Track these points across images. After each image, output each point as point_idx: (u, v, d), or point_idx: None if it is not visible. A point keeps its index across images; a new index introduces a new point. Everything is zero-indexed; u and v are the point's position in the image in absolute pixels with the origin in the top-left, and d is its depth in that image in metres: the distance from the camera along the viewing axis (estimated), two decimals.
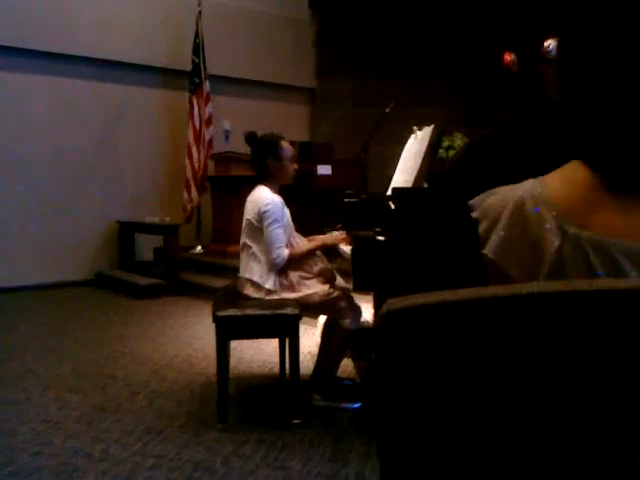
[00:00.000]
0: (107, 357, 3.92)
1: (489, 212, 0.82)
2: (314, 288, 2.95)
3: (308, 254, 3.01)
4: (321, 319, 3.49)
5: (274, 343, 3.57)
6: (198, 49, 6.78)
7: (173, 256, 6.30)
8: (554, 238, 0.74)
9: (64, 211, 6.52)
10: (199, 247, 6.90)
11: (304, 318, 2.87)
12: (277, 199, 2.96)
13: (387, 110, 3.85)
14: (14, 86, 6.17)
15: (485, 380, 0.63)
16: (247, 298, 2.93)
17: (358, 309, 3.01)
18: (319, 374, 3.07)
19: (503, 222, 0.79)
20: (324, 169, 6.15)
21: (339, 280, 3.10)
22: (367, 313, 3.26)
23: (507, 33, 6.37)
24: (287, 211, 3.03)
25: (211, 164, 6.88)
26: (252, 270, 2.95)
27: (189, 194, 6.80)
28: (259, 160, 3.06)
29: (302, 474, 2.34)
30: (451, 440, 0.66)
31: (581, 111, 0.77)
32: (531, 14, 6.01)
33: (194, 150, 6.77)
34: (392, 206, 2.45)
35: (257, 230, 2.95)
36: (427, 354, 0.64)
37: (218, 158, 6.76)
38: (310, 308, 3.00)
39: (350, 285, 2.81)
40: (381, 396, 0.67)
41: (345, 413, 2.93)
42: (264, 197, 2.95)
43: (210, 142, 6.86)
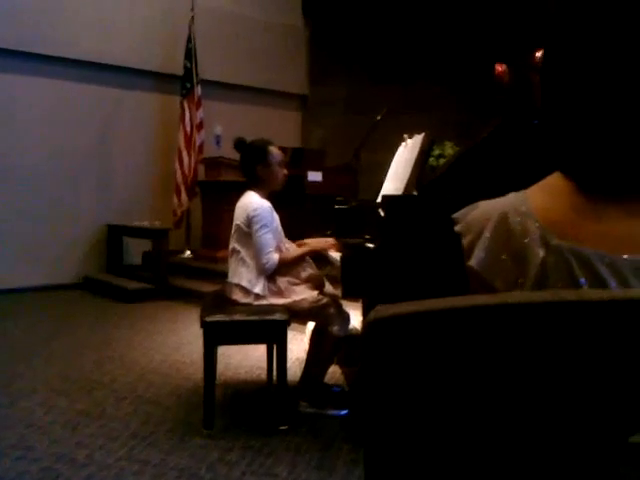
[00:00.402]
0: (94, 361, 3.89)
1: (473, 225, 0.83)
2: (303, 294, 2.94)
3: (298, 260, 3.01)
4: (309, 325, 3.48)
5: (262, 349, 3.56)
6: (190, 54, 6.78)
7: (162, 260, 6.28)
8: (538, 249, 0.74)
9: (53, 213, 6.48)
10: (188, 252, 6.88)
11: (292, 324, 2.86)
12: (266, 204, 2.96)
13: (379, 117, 3.86)
14: (6, 88, 6.14)
15: (470, 388, 0.63)
16: (235, 303, 2.92)
17: (347, 316, 3.00)
18: (307, 381, 3.07)
19: (487, 234, 0.80)
20: (315, 175, 6.15)
21: (328, 287, 3.09)
22: (356, 320, 3.26)
23: (499, 44, 6.42)
24: (276, 216, 3.03)
25: (201, 169, 6.86)
26: (241, 275, 2.95)
27: (179, 198, 6.78)
28: (248, 166, 3.06)
29: None
30: (436, 448, 0.66)
31: (561, 120, 0.78)
32: (523, 25, 6.06)
33: (185, 155, 6.76)
34: (382, 213, 2.46)
35: (246, 235, 2.95)
36: (413, 362, 0.64)
37: (208, 163, 6.75)
38: (298, 314, 2.99)
39: (339, 292, 2.81)
40: (366, 403, 0.66)
41: (333, 420, 2.92)
42: (253, 202, 2.95)
43: (201, 147, 6.85)
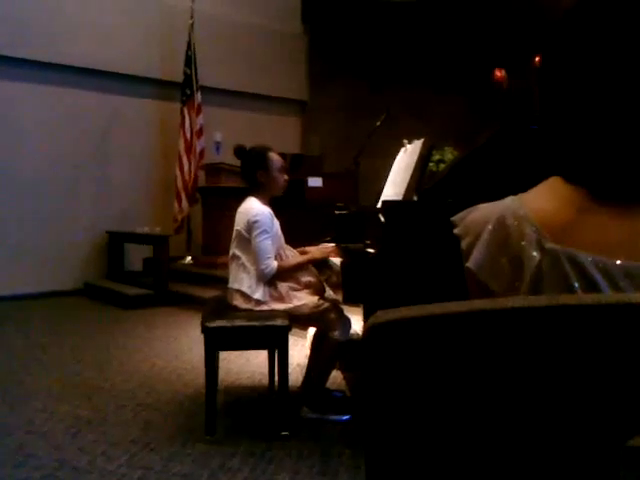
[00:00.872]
0: (94, 368, 3.89)
1: (471, 228, 0.83)
2: (304, 299, 2.95)
3: (297, 268, 3.01)
4: (311, 331, 3.49)
5: (263, 354, 3.56)
6: (190, 61, 6.81)
7: (163, 266, 6.28)
8: (534, 252, 0.75)
9: (54, 220, 6.49)
10: (189, 258, 6.88)
11: (294, 330, 2.86)
12: (266, 210, 2.97)
13: (378, 123, 3.88)
14: (6, 95, 6.16)
15: (470, 392, 0.64)
16: (236, 309, 2.93)
17: (348, 321, 3.01)
18: (308, 386, 3.07)
19: (485, 237, 0.81)
20: (315, 181, 6.16)
21: (328, 292, 3.10)
22: (357, 325, 3.26)
23: (498, 49, 6.44)
24: (277, 222, 3.04)
25: (202, 175, 6.88)
26: (241, 281, 2.95)
27: (179, 205, 6.79)
28: (248, 172, 3.07)
29: None
30: (438, 452, 0.66)
31: (560, 124, 0.79)
32: (522, 30, 6.08)
33: (185, 161, 6.78)
34: (382, 219, 2.46)
35: (246, 241, 2.95)
36: (413, 367, 0.64)
37: (209, 169, 6.77)
38: (299, 319, 2.99)
39: (340, 297, 2.81)
40: (367, 408, 0.67)
41: (334, 425, 2.92)
42: (253, 208, 2.96)
43: (201, 153, 6.87)
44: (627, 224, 0.74)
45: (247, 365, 3.94)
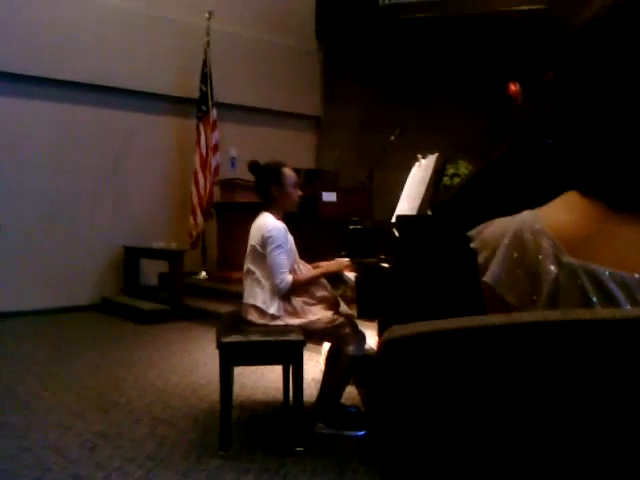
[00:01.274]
0: (110, 383, 3.91)
1: (488, 242, 0.83)
2: (318, 314, 2.95)
3: (311, 281, 3.01)
4: (325, 346, 3.48)
5: (278, 370, 3.56)
6: (206, 78, 6.88)
7: (178, 281, 6.31)
8: (551, 266, 0.75)
9: (70, 236, 6.55)
10: (204, 273, 6.91)
11: (308, 344, 2.86)
12: (280, 225, 2.98)
13: (392, 138, 3.89)
14: (21, 111, 6.25)
15: (486, 408, 0.63)
16: (251, 324, 2.93)
17: (362, 336, 3.00)
18: (323, 401, 3.05)
19: (502, 250, 0.80)
20: (329, 196, 6.18)
21: (343, 307, 3.10)
22: (371, 340, 3.25)
23: (512, 62, 6.44)
24: (291, 238, 3.05)
25: (217, 190, 6.93)
26: (256, 296, 2.96)
27: (195, 220, 6.83)
28: (263, 188, 3.09)
29: None
30: (454, 469, 0.66)
31: (575, 137, 0.79)
32: (537, 44, 6.08)
33: (200, 176, 6.82)
34: (396, 233, 2.46)
35: (261, 256, 2.96)
36: (428, 382, 0.64)
37: (224, 185, 6.81)
38: (314, 334, 2.99)
39: (354, 312, 2.80)
40: (382, 424, 0.67)
41: (349, 441, 2.90)
42: (268, 223, 2.98)
43: (216, 169, 6.91)
44: None
45: (262, 380, 3.93)
